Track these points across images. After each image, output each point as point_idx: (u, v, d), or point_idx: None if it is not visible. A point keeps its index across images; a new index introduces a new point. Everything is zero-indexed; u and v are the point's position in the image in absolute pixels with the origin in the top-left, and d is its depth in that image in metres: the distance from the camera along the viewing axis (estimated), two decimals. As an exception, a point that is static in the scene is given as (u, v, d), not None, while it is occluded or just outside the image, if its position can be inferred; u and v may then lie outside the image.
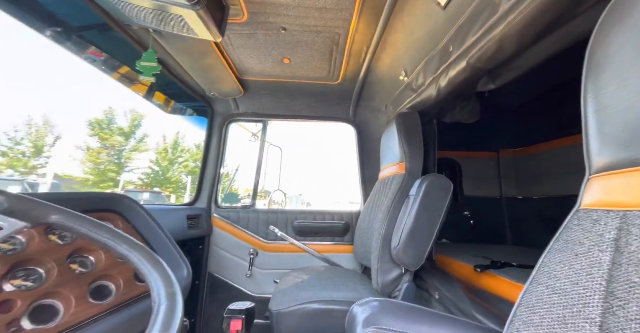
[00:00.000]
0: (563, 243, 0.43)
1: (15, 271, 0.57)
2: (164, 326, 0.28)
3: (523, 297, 0.45)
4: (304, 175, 30.13)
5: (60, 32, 1.13)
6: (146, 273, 0.39)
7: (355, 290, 1.18)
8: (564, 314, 0.38)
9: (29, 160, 12.61)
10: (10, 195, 0.42)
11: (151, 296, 0.36)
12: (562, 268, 0.40)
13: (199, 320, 1.53)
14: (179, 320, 0.30)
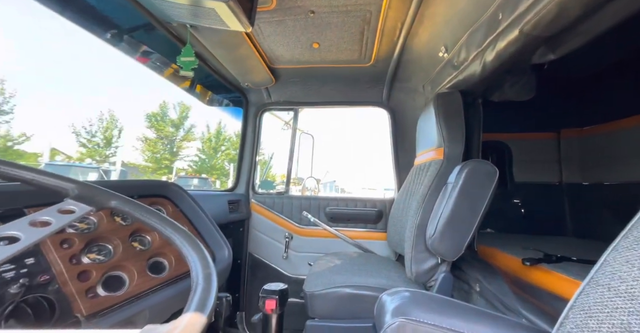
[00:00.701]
0: (633, 240, 0.37)
1: (90, 247, 0.68)
2: (199, 305, 0.30)
3: (578, 297, 0.41)
4: (338, 162, 30.16)
5: (115, 34, 1.24)
6: (187, 255, 0.43)
7: (388, 277, 1.18)
8: (628, 321, 0.33)
9: (102, 150, 14.63)
10: (80, 183, 0.49)
11: (191, 275, 0.39)
12: (630, 269, 0.35)
13: (242, 295, 1.68)
14: (212, 300, 0.33)
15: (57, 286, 0.57)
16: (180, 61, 1.10)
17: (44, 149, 12.67)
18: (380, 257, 1.53)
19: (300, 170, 2.01)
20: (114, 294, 0.64)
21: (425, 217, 1.13)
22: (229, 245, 0.96)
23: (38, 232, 0.38)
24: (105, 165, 13.32)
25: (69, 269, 0.60)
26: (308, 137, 2.08)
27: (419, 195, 1.20)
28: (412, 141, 1.59)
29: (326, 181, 36.74)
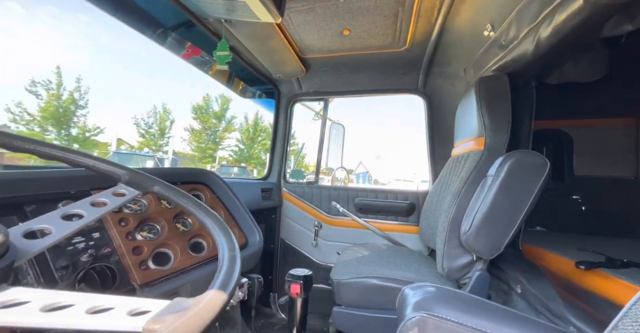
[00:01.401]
0: None
1: (142, 226, 0.78)
2: (222, 285, 0.33)
3: (633, 306, 0.36)
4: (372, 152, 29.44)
5: (160, 33, 1.34)
6: (216, 238, 0.47)
7: (417, 271, 1.15)
8: None
9: (157, 140, 16.29)
10: (129, 169, 0.56)
11: (218, 257, 0.43)
12: None
13: (275, 277, 1.79)
14: (234, 280, 0.36)
15: (117, 258, 0.67)
16: (216, 55, 1.16)
17: (112, 139, 14.56)
18: (410, 251, 1.50)
19: (331, 160, 2.02)
20: (162, 268, 0.73)
21: (460, 211, 1.06)
22: (260, 230, 1.02)
23: (97, 211, 0.44)
24: (159, 154, 14.85)
25: (126, 244, 0.69)
26: (339, 127, 2.06)
27: (454, 188, 1.13)
28: (449, 130, 1.48)
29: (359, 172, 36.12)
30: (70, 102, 12.40)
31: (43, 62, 27.87)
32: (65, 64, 32.30)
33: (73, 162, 0.49)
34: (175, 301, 0.29)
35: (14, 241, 0.32)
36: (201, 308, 0.26)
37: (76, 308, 0.25)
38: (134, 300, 0.28)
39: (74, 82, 12.56)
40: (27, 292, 0.26)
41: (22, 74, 28.38)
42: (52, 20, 29.83)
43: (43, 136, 11.85)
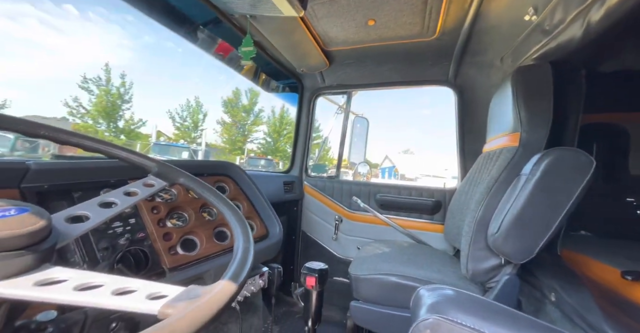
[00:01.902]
0: None
1: (171, 214, 0.84)
2: (233, 275, 0.34)
3: None
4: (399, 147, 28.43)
5: (191, 30, 1.40)
6: (233, 228, 0.49)
7: (439, 272, 1.12)
8: None
9: (191, 133, 17.27)
10: (158, 162, 0.60)
11: (233, 247, 0.45)
12: None
13: (296, 268, 1.84)
14: (245, 271, 0.37)
15: (149, 242, 0.73)
16: (241, 51, 1.19)
17: (152, 131, 15.71)
18: (434, 250, 1.45)
19: (353, 154, 2.00)
20: (189, 254, 0.79)
21: (489, 211, 1.00)
22: (281, 222, 1.05)
23: (128, 200, 0.48)
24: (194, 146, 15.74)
25: (157, 230, 0.75)
26: (362, 120, 2.02)
27: (483, 187, 1.06)
28: (481, 125, 1.39)
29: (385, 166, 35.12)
30: (117, 96, 13.52)
31: (93, 59, 30.76)
32: (112, 61, 35.31)
33: (110, 154, 0.54)
34: (190, 288, 0.30)
35: (57, 225, 0.36)
36: (211, 298, 0.28)
37: (104, 289, 0.28)
38: (155, 285, 0.30)
39: (120, 78, 13.66)
40: (65, 272, 0.30)
41: (77, 71, 31.71)
42: (101, 20, 32.60)
43: (96, 128, 13.12)
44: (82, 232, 0.39)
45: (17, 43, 29.03)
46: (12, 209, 0.30)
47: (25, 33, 28.89)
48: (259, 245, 0.96)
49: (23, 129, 0.44)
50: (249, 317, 1.07)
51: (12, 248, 0.27)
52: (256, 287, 0.97)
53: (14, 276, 0.27)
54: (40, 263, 0.30)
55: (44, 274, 0.28)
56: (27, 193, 0.59)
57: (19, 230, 0.28)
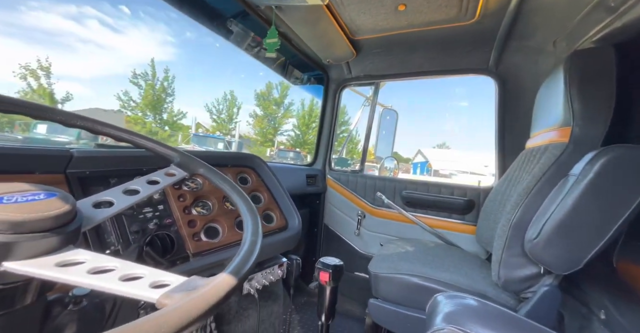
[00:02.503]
0: None
1: (197, 202, 0.88)
2: (235, 269, 0.33)
3: None
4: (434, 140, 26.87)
5: (218, 23, 1.41)
6: (244, 220, 0.49)
7: (467, 276, 1.04)
8: None
9: (226, 125, 18.13)
10: (181, 152, 0.61)
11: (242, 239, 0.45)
12: None
13: (317, 260, 1.85)
14: (248, 265, 0.36)
15: (176, 228, 0.77)
16: (265, 43, 1.18)
17: (192, 123, 16.80)
18: (464, 252, 1.36)
19: (380, 148, 1.93)
20: (212, 241, 0.82)
21: (527, 214, 0.90)
22: (299, 215, 1.05)
23: (150, 188, 0.50)
24: (228, 137, 16.53)
25: (183, 217, 0.80)
26: (391, 113, 1.93)
27: (522, 187, 0.95)
28: (525, 118, 1.24)
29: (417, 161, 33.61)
30: (162, 90, 14.60)
31: (142, 55, 33.58)
32: (158, 57, 38.30)
33: (137, 144, 0.57)
34: (191, 279, 0.30)
35: (84, 210, 0.39)
36: (207, 291, 0.27)
37: (114, 273, 0.29)
38: (161, 273, 0.31)
39: (164, 73, 14.70)
40: (85, 254, 0.31)
41: (129, 67, 35.07)
42: (149, 18, 35.33)
43: (144, 119, 14.35)
44: (106, 217, 0.41)
45: (80, 42, 32.91)
46: (41, 194, 0.33)
47: (87, 33, 32.57)
48: (278, 236, 0.98)
49: (62, 119, 0.47)
50: (269, 305, 1.10)
51: (38, 230, 0.29)
52: (275, 276, 0.99)
53: (39, 256, 0.29)
54: (64, 245, 0.32)
55: (66, 255, 0.30)
56: (71, 178, 0.65)
57: (45, 213, 0.30)
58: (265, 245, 0.93)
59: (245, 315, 1.00)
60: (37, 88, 11.83)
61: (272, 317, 1.10)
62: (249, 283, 0.90)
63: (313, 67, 1.70)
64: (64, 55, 30.49)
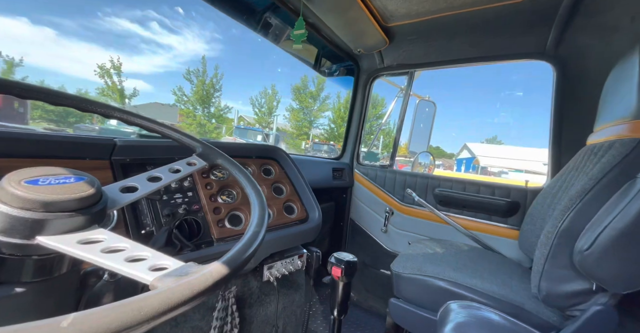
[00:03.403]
0: None
1: (222, 190, 0.94)
2: (230, 259, 0.33)
3: None
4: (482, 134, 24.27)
5: (249, 16, 1.42)
6: (252, 211, 0.50)
7: (504, 285, 0.94)
8: None
9: (266, 118, 18.84)
10: (202, 143, 0.64)
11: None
12: None
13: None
14: (245, 256, 0.36)
15: (202, 214, 0.83)
16: (292, 34, 1.18)
17: (235, 117, 17.83)
18: (503, 259, 1.23)
19: (415, 143, 1.83)
20: (235, 228, 0.87)
21: (579, 221, 0.77)
22: (327, 208, 1.06)
23: (172, 176, 0.53)
24: (266, 130, 17.19)
25: (209, 204, 0.85)
26: (428, 104, 1.81)
27: (576, 189, 0.82)
28: (590, 109, 1.06)
29: (462, 157, 31.25)
30: (210, 86, 15.69)
31: (192, 52, 36.43)
32: (206, 53, 41.26)
33: (166, 134, 0.61)
34: (187, 265, 0.31)
35: (111, 193, 0.43)
36: (195, 278, 0.27)
37: (122, 254, 0.31)
38: (163, 257, 0.32)
39: (213, 69, 15.76)
40: (105, 234, 0.34)
41: (182, 64, 38.50)
42: (200, 17, 38.07)
43: (194, 113, 15.61)
44: (130, 200, 0.45)
45: (144, 43, 36.98)
46: (72, 177, 0.37)
47: (149, 34, 36.42)
48: (298, 228, 0.99)
49: (102, 111, 0.53)
50: (291, 293, 1.13)
51: (66, 209, 0.33)
52: (295, 266, 1.01)
53: (65, 233, 0.32)
54: (90, 224, 0.35)
55: (88, 234, 0.33)
56: (115, 164, 0.74)
57: (72, 195, 0.33)
58: (285, 235, 0.95)
59: (267, 301, 1.05)
60: (111, 85, 13.63)
61: (294, 306, 1.14)
62: (269, 271, 0.94)
63: (343, 57, 1.65)
64: (131, 55, 34.61)
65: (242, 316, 0.93)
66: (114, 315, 0.20)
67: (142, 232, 0.71)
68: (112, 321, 0.19)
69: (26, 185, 0.32)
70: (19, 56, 15.80)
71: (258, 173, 1.01)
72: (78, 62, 33.88)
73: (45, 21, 33.28)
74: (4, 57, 11.47)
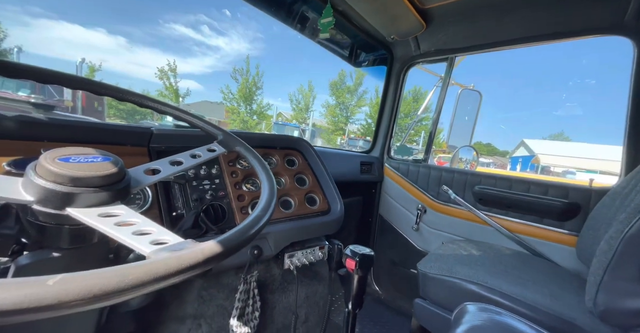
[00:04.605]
0: None
1: (247, 179, 0.97)
2: (223, 241, 0.32)
3: None
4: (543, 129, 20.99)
5: (279, 8, 1.40)
6: (261, 197, 0.49)
7: (552, 296, 0.82)
8: None
9: (302, 114, 19.18)
10: (223, 131, 0.66)
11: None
12: None
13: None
14: (244, 237, 0.36)
15: (227, 201, 0.88)
16: (320, 23, 1.16)
17: (274, 113, 18.50)
18: (556, 268, 1.08)
19: (456, 136, 1.68)
20: None
21: None
22: (342, 200, 1.03)
23: (192, 161, 0.56)
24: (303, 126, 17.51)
25: (234, 191, 0.89)
26: (472, 94, 1.65)
27: None
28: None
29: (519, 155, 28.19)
30: (253, 84, 16.49)
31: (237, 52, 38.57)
32: (250, 52, 43.38)
33: (192, 123, 0.65)
34: (185, 241, 0.32)
35: (136, 175, 0.47)
36: (186, 253, 0.28)
37: (132, 228, 0.33)
38: (166, 233, 0.33)
39: (255, 68, 16.52)
40: (123, 210, 0.37)
41: (228, 64, 41.13)
42: (244, 17, 40.10)
43: (238, 110, 16.58)
44: (152, 181, 0.48)
45: (196, 45, 40.29)
46: (99, 157, 0.41)
47: (200, 37, 39.59)
48: (319, 219, 0.99)
49: (136, 99, 0.58)
50: (314, 284, 1.14)
51: (91, 185, 0.36)
52: (315, 257, 1.02)
53: (89, 207, 0.36)
54: (113, 201, 0.38)
55: (109, 209, 0.36)
56: (152, 150, 0.81)
57: (96, 173, 0.37)
58: (306, 226, 0.96)
59: (289, 289, 1.07)
60: (168, 86, 15.18)
61: (317, 296, 1.14)
62: (289, 260, 0.95)
63: (376, 46, 1.58)
64: (185, 57, 38.06)
65: (264, 300, 0.96)
66: (98, 279, 0.21)
67: (174, 214, 0.77)
68: (94, 284, 0.20)
69: (59, 162, 0.36)
70: (98, 62, 18.50)
71: (281, 164, 1.03)
72: (143, 66, 38.50)
73: (119, 30, 38.44)
74: (87, 63, 13.46)
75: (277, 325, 0.98)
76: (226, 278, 0.91)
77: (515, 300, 0.82)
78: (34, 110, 2.10)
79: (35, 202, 0.34)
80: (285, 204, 0.98)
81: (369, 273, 1.80)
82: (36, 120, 0.64)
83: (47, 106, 2.60)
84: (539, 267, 1.04)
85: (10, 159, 0.37)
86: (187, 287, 0.85)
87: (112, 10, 36.82)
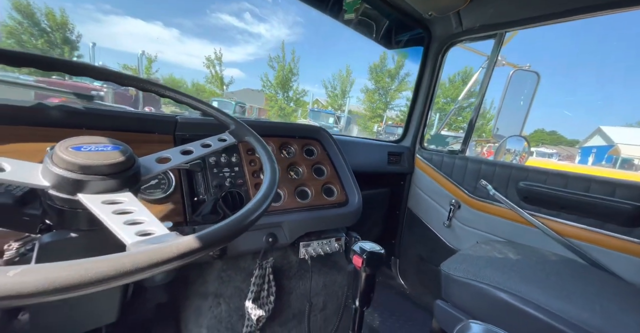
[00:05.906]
0: None
1: (289, 168, 0.97)
2: (207, 234, 0.31)
3: None
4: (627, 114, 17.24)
5: None
6: (260, 189, 0.48)
7: (604, 314, 0.71)
8: None
9: (339, 100, 18.83)
10: (236, 121, 0.66)
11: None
12: None
13: (397, 243, 1.74)
14: (229, 234, 0.35)
15: (245, 188, 0.90)
16: (345, 3, 1.08)
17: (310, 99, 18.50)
18: (617, 281, 0.92)
19: (505, 124, 1.49)
20: (273, 204, 0.91)
21: None
22: (360, 192, 1.00)
23: (203, 150, 0.56)
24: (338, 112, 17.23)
25: (251, 180, 0.91)
26: (528, 75, 1.43)
27: None
28: None
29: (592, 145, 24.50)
30: (289, 70, 16.57)
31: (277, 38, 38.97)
32: (288, 38, 43.54)
33: (206, 112, 0.66)
34: (169, 234, 0.32)
35: (147, 163, 0.48)
36: (161, 248, 0.27)
37: (126, 216, 0.34)
38: (156, 224, 0.34)
39: (290, 54, 16.53)
40: (127, 197, 0.38)
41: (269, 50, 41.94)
42: (284, 2, 40.10)
43: (276, 97, 16.92)
44: (162, 169, 0.49)
45: (239, 34, 41.69)
46: (109, 146, 0.42)
47: (242, 25, 40.82)
48: (336, 211, 0.97)
49: (155, 89, 0.61)
50: (332, 273, 1.14)
51: (99, 173, 0.38)
52: (331, 248, 1.01)
53: (98, 193, 0.37)
54: (121, 188, 0.39)
55: (114, 196, 0.38)
56: (177, 138, 0.84)
57: (104, 161, 0.38)
58: (322, 217, 0.95)
59: (306, 277, 1.09)
60: (214, 74, 16.01)
61: (336, 286, 1.15)
62: (304, 249, 0.96)
63: (411, 25, 1.43)
64: (230, 46, 39.69)
65: (281, 286, 0.99)
66: (60, 272, 0.21)
67: (195, 199, 0.82)
68: (56, 278, 0.20)
69: (71, 150, 0.38)
70: (155, 53, 20.17)
71: (300, 153, 1.02)
72: (192, 56, 41.18)
73: (173, 23, 41.38)
74: (146, 55, 14.71)
75: (293, 310, 1.01)
76: (243, 262, 0.95)
77: (554, 315, 0.72)
78: (77, 100, 2.38)
79: (51, 187, 0.37)
80: (302, 194, 0.97)
81: (395, 266, 1.76)
82: (76, 110, 0.71)
83: (89, 97, 2.98)
84: (593, 279, 0.90)
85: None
86: (208, 268, 0.92)
87: (167, 2, 39.79)
